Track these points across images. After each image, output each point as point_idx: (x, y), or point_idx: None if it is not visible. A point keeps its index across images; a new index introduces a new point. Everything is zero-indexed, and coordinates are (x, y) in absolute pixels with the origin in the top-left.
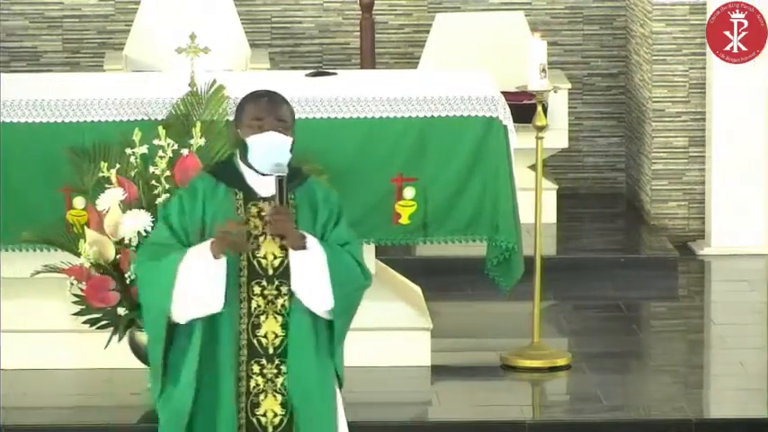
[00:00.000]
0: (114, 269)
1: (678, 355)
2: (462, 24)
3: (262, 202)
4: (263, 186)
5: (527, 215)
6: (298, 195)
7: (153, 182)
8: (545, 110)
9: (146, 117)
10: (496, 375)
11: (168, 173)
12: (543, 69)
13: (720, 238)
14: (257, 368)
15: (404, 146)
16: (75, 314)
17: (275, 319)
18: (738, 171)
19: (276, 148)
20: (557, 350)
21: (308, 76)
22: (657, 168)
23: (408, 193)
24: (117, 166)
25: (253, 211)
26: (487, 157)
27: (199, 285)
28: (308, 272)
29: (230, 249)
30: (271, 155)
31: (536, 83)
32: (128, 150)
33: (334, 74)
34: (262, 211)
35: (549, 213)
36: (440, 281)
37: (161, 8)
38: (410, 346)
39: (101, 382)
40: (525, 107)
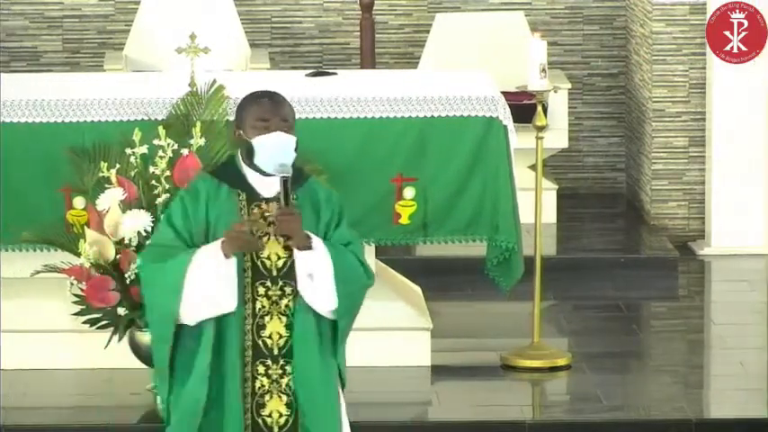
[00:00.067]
0: (114, 269)
1: (678, 355)
2: (462, 24)
3: (265, 203)
4: (265, 187)
5: (527, 215)
6: (300, 195)
7: (153, 182)
8: (545, 110)
9: (146, 117)
10: (496, 375)
11: (168, 173)
12: (543, 69)
13: (720, 238)
14: (262, 369)
15: (404, 146)
16: (75, 314)
17: (279, 319)
18: (738, 171)
19: (282, 147)
20: (557, 350)
21: (308, 76)
22: (657, 168)
23: (408, 193)
24: (117, 166)
25: (256, 211)
26: (487, 157)
27: (209, 285)
28: (313, 272)
29: (244, 248)
30: (277, 155)
31: (536, 83)
32: (128, 150)
33: (335, 74)
34: (265, 212)
35: (549, 213)
36: (440, 281)
37: (161, 8)
38: (410, 346)
39: (101, 382)
40: (525, 107)
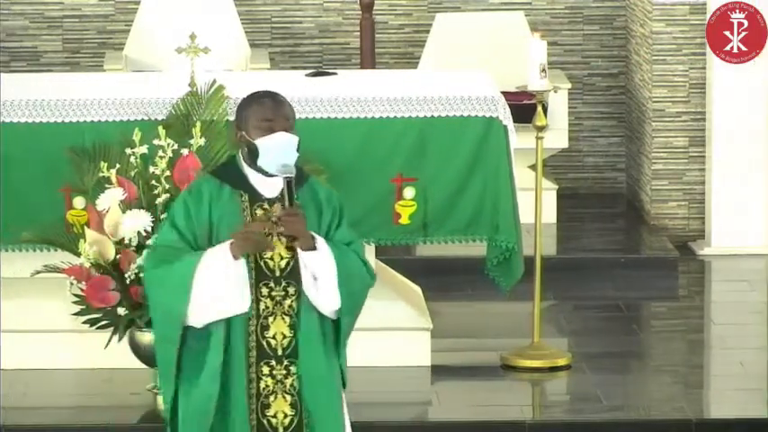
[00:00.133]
0: (114, 269)
1: (678, 355)
2: (462, 24)
3: (267, 204)
4: (267, 187)
5: (527, 215)
6: (301, 196)
7: (153, 182)
8: (545, 110)
9: (146, 117)
10: (496, 375)
11: (168, 173)
12: (543, 69)
13: (720, 238)
14: (267, 369)
15: (404, 146)
16: (75, 314)
17: (283, 320)
18: (738, 171)
19: (285, 147)
20: (557, 350)
21: (308, 76)
22: (657, 168)
23: (408, 193)
24: (117, 166)
25: (259, 212)
26: (487, 157)
27: (219, 287)
28: (318, 272)
29: (255, 249)
30: (281, 155)
31: (536, 83)
32: (128, 150)
33: (335, 74)
34: (268, 212)
35: (549, 213)
36: (440, 281)
37: (161, 8)
38: (410, 346)
39: (101, 382)
40: (525, 107)
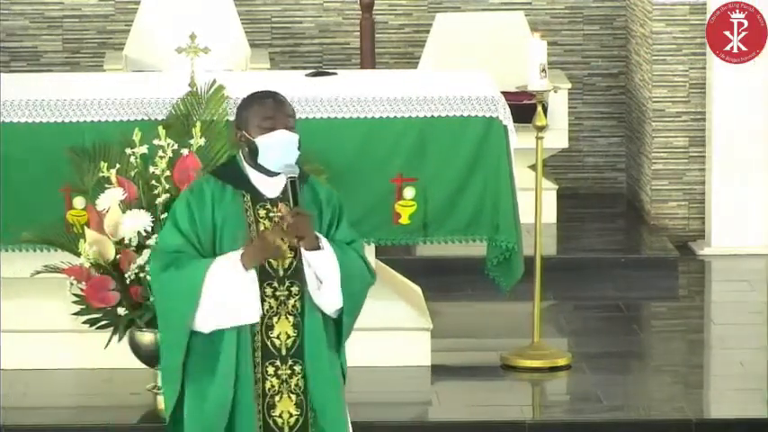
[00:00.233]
0: (114, 269)
1: (678, 355)
2: (462, 24)
3: (269, 204)
4: (268, 187)
5: (527, 215)
6: (302, 195)
7: (153, 182)
8: (545, 110)
9: (146, 117)
10: (496, 375)
11: (168, 173)
12: (543, 69)
13: (720, 238)
14: (272, 369)
15: (404, 146)
16: (75, 314)
17: (287, 319)
18: (738, 171)
19: (287, 145)
20: (557, 350)
21: (308, 76)
22: (657, 168)
23: (408, 193)
24: (117, 166)
25: (261, 212)
26: (487, 157)
27: (229, 297)
28: (322, 272)
29: (269, 258)
30: (283, 153)
31: (536, 83)
32: (128, 150)
33: (335, 74)
34: (270, 212)
35: (549, 213)
36: (440, 281)
37: (161, 8)
38: (410, 346)
39: (101, 382)
40: (525, 107)
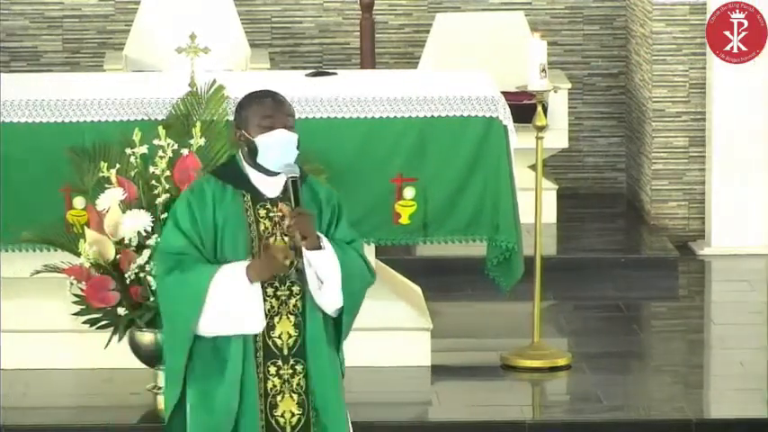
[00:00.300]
0: (114, 269)
1: (678, 355)
2: (462, 24)
3: (269, 204)
4: (268, 187)
5: (527, 215)
6: (301, 195)
7: (153, 182)
8: (545, 110)
9: (146, 117)
10: (496, 375)
11: (168, 173)
12: (543, 69)
13: (720, 238)
14: (273, 369)
15: (404, 146)
16: (75, 314)
17: (288, 319)
18: (738, 171)
19: (286, 144)
20: (557, 350)
21: (308, 76)
22: (657, 168)
23: (408, 193)
24: (117, 166)
25: (261, 212)
26: (487, 157)
27: (232, 305)
28: (323, 271)
29: (274, 274)
30: (283, 152)
31: (536, 83)
32: (128, 150)
33: (335, 74)
34: (270, 212)
35: (549, 213)
36: (440, 281)
37: (161, 8)
38: (410, 346)
39: (101, 382)
40: (525, 107)
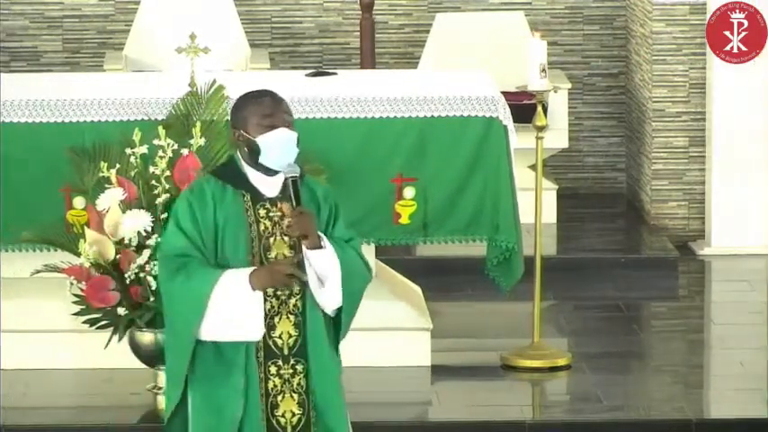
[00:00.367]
0: (114, 269)
1: (678, 355)
2: (462, 24)
3: (268, 203)
4: (268, 187)
5: (527, 215)
6: (301, 194)
7: (153, 182)
8: (545, 110)
9: (146, 117)
10: (496, 375)
11: (168, 173)
12: (543, 69)
13: (720, 238)
14: (274, 369)
15: (404, 146)
16: (75, 314)
17: (288, 319)
18: (738, 171)
19: (286, 143)
20: (557, 350)
21: (308, 76)
22: (657, 168)
23: (408, 193)
24: (117, 166)
25: (261, 212)
26: (487, 157)
27: (234, 312)
28: (323, 270)
29: (277, 286)
30: (284, 151)
31: (536, 83)
32: (128, 150)
33: (335, 74)
34: (270, 212)
35: (549, 213)
36: (440, 281)
37: (161, 8)
38: (410, 346)
39: (101, 382)
40: (525, 107)
